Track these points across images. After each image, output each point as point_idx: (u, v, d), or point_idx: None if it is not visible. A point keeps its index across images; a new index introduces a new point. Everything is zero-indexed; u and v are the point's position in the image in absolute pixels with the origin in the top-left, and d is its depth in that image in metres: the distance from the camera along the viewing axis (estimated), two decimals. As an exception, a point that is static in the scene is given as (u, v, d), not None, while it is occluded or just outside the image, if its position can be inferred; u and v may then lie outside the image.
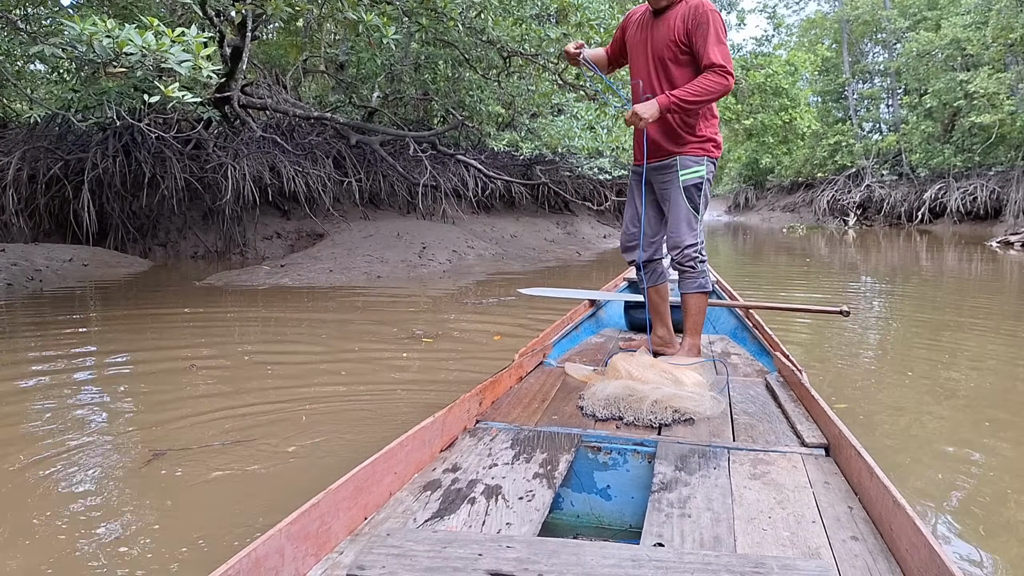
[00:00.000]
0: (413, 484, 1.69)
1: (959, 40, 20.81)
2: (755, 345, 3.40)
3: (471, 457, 1.87)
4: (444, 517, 1.53)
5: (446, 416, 1.94)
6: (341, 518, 1.41)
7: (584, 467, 1.96)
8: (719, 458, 1.88)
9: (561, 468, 1.80)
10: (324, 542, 1.35)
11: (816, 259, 13.04)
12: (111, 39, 3.87)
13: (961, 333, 5.35)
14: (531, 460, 1.85)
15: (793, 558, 1.22)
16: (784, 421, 2.21)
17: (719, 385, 2.57)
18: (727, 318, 3.94)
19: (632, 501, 1.91)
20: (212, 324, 5.69)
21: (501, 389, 2.46)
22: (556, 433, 2.05)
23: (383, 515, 1.53)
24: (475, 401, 2.18)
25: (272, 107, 11.12)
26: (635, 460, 1.94)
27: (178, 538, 2.11)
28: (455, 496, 1.63)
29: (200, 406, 3.42)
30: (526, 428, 2.10)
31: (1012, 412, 3.40)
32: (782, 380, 2.64)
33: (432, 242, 10.58)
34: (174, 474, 2.59)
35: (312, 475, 2.54)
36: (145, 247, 11.18)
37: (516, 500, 1.62)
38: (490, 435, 2.04)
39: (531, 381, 2.67)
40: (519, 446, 1.95)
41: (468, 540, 1.24)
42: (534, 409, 2.31)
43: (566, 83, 10.16)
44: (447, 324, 5.63)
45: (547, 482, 1.72)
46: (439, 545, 1.22)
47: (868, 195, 25.36)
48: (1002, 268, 10.84)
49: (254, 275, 8.37)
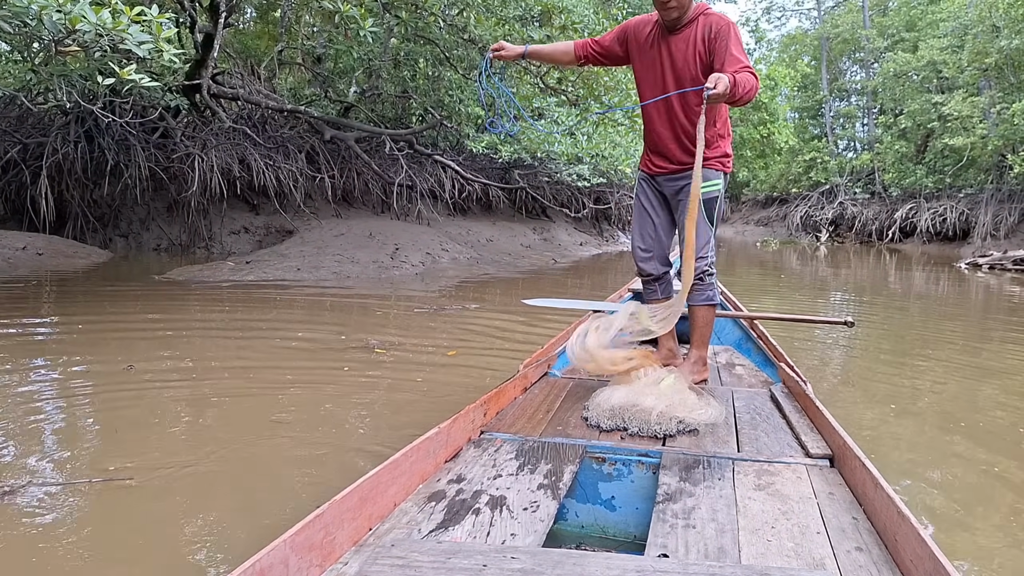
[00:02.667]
0: (418, 495, 1.68)
1: (935, 62, 21.05)
2: (760, 356, 3.38)
3: (476, 468, 1.87)
4: (449, 528, 1.52)
5: (451, 427, 1.93)
6: (346, 528, 1.40)
7: (588, 478, 1.97)
8: (723, 469, 1.88)
9: (565, 479, 1.80)
10: (328, 553, 1.34)
11: (789, 273, 13.03)
12: (62, 14, 3.59)
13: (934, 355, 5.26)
14: (535, 471, 1.85)
15: (798, 569, 1.24)
16: (788, 432, 2.21)
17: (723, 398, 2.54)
18: (732, 329, 3.92)
19: (636, 512, 1.91)
20: (162, 323, 5.38)
21: (506, 400, 2.45)
22: (561, 444, 2.04)
23: (387, 526, 1.52)
24: (480, 412, 2.17)
25: (244, 98, 10.78)
26: (639, 471, 1.94)
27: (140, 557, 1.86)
28: (459, 507, 1.62)
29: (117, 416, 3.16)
30: (531, 439, 2.09)
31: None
32: (786, 391, 2.63)
33: (405, 243, 10.32)
34: (123, 490, 2.34)
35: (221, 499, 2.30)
36: (106, 237, 10.76)
37: (520, 511, 1.61)
38: (495, 446, 2.04)
39: (536, 392, 2.66)
40: (523, 457, 1.95)
41: (472, 551, 1.25)
42: (539, 420, 2.30)
43: (548, 87, 10.00)
44: (406, 332, 5.33)
45: (551, 493, 1.72)
46: (443, 556, 1.22)
47: (840, 212, 25.59)
48: (969, 289, 10.90)
49: (217, 271, 8.06)
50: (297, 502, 2.35)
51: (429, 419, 2.25)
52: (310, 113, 11.11)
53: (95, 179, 10.43)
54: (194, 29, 10.10)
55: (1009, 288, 11.17)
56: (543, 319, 6.03)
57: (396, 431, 2.98)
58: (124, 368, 3.91)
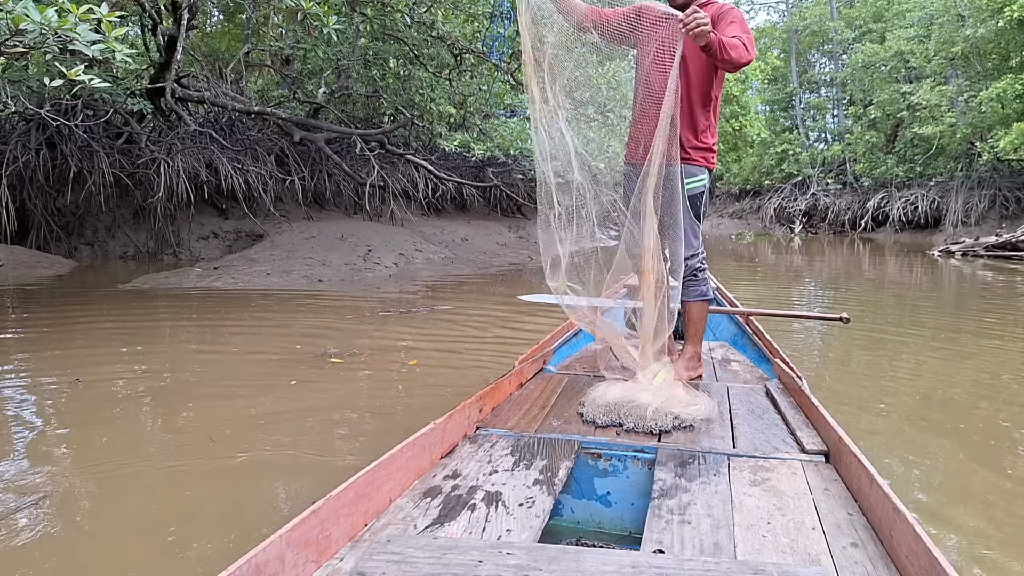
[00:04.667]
0: (413, 490, 1.68)
1: (903, 52, 21.28)
2: (755, 352, 3.39)
3: (471, 464, 1.86)
4: (444, 523, 1.52)
5: (446, 423, 1.92)
6: (341, 524, 1.40)
7: (584, 474, 1.97)
8: (719, 465, 1.87)
9: (561, 475, 1.80)
10: (324, 548, 1.34)
11: (765, 265, 13.07)
12: (4, 13, 3.43)
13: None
14: (531, 467, 1.85)
15: (793, 565, 1.24)
16: (784, 428, 2.20)
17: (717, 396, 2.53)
18: (727, 325, 3.92)
19: (632, 508, 1.91)
20: (121, 334, 5.21)
21: (501, 396, 2.44)
22: (556, 440, 2.04)
23: (383, 521, 1.52)
24: (475, 408, 2.16)
25: (211, 100, 10.57)
26: (635, 467, 1.95)
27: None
28: (455, 503, 1.62)
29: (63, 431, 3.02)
30: (526, 435, 2.09)
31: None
32: (782, 387, 2.63)
33: (378, 245, 10.18)
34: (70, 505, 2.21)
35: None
36: (71, 246, 10.50)
37: (516, 507, 1.61)
38: (490, 442, 2.04)
39: (531, 388, 2.64)
40: (519, 453, 1.95)
41: (468, 547, 1.25)
42: (534, 416, 2.29)
43: (519, 83, 9.91)
44: (368, 338, 5.11)
45: (547, 489, 1.71)
46: (439, 551, 1.22)
47: (813, 203, 25.78)
48: (942, 276, 10.99)
49: (184, 277, 7.86)
50: (225, 523, 2.24)
51: (376, 444, 2.14)
52: (278, 114, 10.92)
53: (58, 187, 10.16)
54: (156, 31, 9.89)
55: (982, 274, 11.29)
56: (518, 321, 5.95)
57: (327, 458, 2.78)
58: (73, 381, 3.76)
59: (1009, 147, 15.39)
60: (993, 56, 18.66)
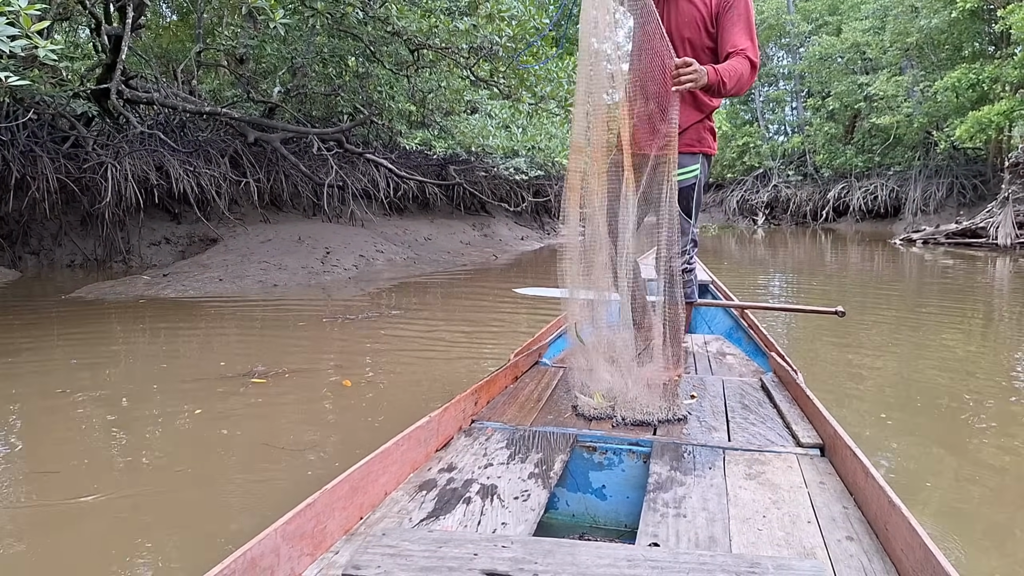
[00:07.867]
0: (409, 484, 1.68)
1: (859, 44, 21.55)
2: (750, 345, 3.40)
3: (466, 457, 1.86)
4: (440, 517, 1.52)
5: (441, 416, 1.92)
6: (336, 517, 1.40)
7: (579, 467, 1.96)
8: (714, 458, 1.87)
9: (556, 468, 1.79)
10: (320, 542, 1.34)
11: (729, 258, 13.07)
12: (-94, 5, 3.15)
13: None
14: (526, 460, 1.85)
15: (788, 558, 1.23)
16: (779, 421, 2.20)
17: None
18: (722, 318, 3.91)
19: (627, 501, 1.91)
20: (57, 350, 4.91)
21: (496, 389, 2.43)
22: (551, 433, 2.03)
23: (379, 515, 1.51)
24: (470, 401, 2.16)
25: (160, 101, 10.19)
26: (630, 460, 1.94)
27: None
28: (451, 496, 1.62)
29: None
30: (521, 428, 2.08)
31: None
32: (777, 380, 2.63)
33: (337, 247, 9.92)
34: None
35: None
36: (14, 256, 10.04)
37: (511, 500, 1.61)
38: (485, 435, 2.03)
39: (526, 381, 2.64)
40: (514, 446, 1.94)
41: (464, 540, 1.25)
42: (529, 409, 2.28)
43: (479, 79, 9.73)
44: (302, 351, 4.77)
45: (542, 482, 1.71)
46: (435, 545, 1.22)
47: (775, 195, 26.06)
48: (904, 263, 11.08)
49: (131, 286, 7.53)
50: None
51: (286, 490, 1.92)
52: (230, 114, 10.58)
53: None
54: (99, 31, 9.49)
55: (944, 261, 11.41)
56: (483, 325, 5.77)
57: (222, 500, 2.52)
58: None
59: (964, 135, 15.65)
60: (947, 46, 18.97)
